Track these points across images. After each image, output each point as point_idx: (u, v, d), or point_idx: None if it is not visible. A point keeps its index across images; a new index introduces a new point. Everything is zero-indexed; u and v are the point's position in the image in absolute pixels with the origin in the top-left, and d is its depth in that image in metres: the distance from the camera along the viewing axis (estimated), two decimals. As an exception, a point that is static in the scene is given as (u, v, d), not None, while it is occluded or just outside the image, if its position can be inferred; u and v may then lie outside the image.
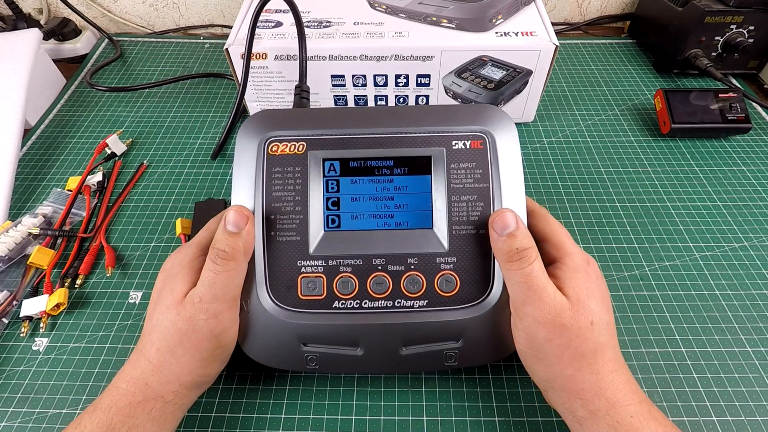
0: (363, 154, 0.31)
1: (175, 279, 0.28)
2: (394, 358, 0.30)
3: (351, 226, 0.31)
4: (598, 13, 0.72)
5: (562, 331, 0.26)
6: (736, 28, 0.54)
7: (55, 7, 0.70)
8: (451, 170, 0.30)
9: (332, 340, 0.30)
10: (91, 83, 0.56)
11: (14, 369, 0.35)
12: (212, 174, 0.49)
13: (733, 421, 0.32)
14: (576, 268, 0.28)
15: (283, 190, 0.31)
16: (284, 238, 0.30)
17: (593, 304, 0.27)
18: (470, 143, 0.31)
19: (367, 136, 0.31)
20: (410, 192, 0.31)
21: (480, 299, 0.29)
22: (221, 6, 0.71)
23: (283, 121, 0.32)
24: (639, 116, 0.55)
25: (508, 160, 0.31)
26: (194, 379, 0.28)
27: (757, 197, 0.46)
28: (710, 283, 0.40)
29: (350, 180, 0.31)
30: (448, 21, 0.48)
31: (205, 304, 0.27)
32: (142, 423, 0.26)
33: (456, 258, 0.30)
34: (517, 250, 0.27)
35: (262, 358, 0.31)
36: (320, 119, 0.32)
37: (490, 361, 0.30)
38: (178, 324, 0.27)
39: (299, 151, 0.31)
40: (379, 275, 0.30)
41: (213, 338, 0.27)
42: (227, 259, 0.27)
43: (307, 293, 0.30)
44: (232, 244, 0.28)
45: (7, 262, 0.40)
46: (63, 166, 0.50)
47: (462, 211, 0.30)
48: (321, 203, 0.31)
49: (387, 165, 0.31)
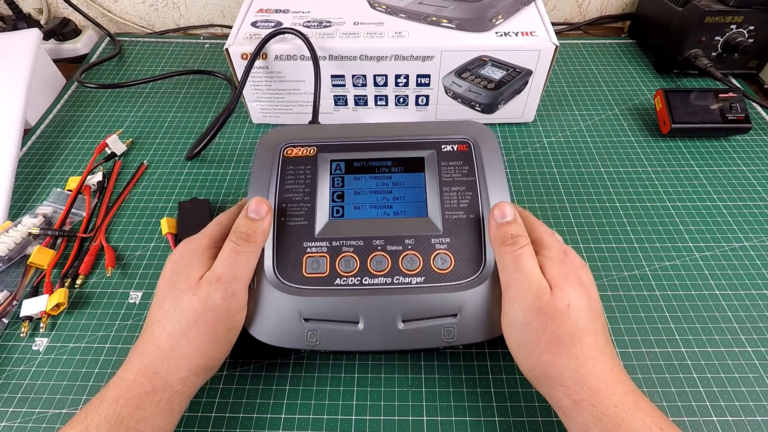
0: (365, 156, 0.36)
1: (189, 266, 0.29)
2: (393, 333, 0.31)
3: (353, 215, 0.34)
4: (598, 13, 0.72)
5: (539, 314, 0.27)
6: (736, 28, 0.54)
7: (55, 7, 0.70)
8: (442, 167, 0.35)
9: (333, 314, 0.31)
10: (81, 81, 0.56)
11: (14, 369, 0.35)
12: (212, 174, 0.49)
13: (733, 421, 0.32)
14: (553, 258, 0.29)
15: (294, 184, 0.35)
16: (293, 223, 0.33)
17: (569, 288, 0.28)
18: (457, 147, 0.36)
19: (369, 142, 0.37)
20: (406, 186, 0.35)
21: (474, 275, 0.31)
22: (221, 6, 0.71)
23: (297, 133, 0.37)
24: (639, 116, 0.55)
25: (490, 160, 0.35)
26: (205, 362, 0.28)
27: (757, 197, 0.46)
28: (710, 283, 0.40)
29: (354, 177, 0.35)
30: (448, 21, 0.48)
31: (224, 283, 0.28)
32: (150, 415, 0.26)
33: (450, 239, 0.33)
34: (512, 235, 0.30)
35: (264, 335, 0.31)
36: (329, 131, 0.38)
37: (487, 337, 0.31)
38: (194, 305, 0.28)
39: (310, 154, 0.36)
40: (378, 255, 0.32)
41: (229, 318, 0.28)
42: (249, 240, 0.30)
43: (311, 271, 0.32)
44: (254, 227, 0.30)
45: (7, 262, 0.40)
46: (63, 166, 0.50)
47: (453, 200, 0.34)
48: (327, 196, 0.34)
49: (386, 165, 0.36)
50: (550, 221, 0.44)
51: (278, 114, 0.53)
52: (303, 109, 0.53)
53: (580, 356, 0.26)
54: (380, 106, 0.52)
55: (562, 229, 0.43)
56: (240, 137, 0.53)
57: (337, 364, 0.35)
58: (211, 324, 0.28)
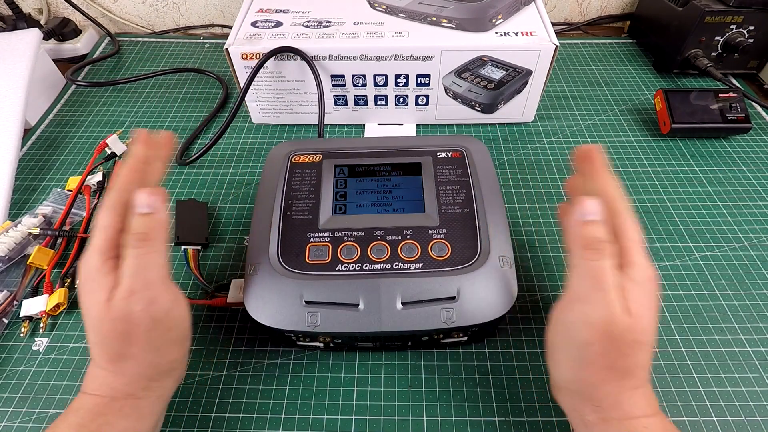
0: (367, 162, 0.39)
1: (92, 292, 0.26)
2: (392, 315, 0.31)
3: (355, 212, 0.36)
4: (598, 13, 0.72)
5: (606, 340, 0.25)
6: (736, 28, 0.54)
7: (55, 7, 0.70)
8: (437, 170, 0.38)
9: (334, 297, 0.32)
10: (72, 78, 0.56)
11: (14, 369, 0.35)
12: (212, 174, 0.49)
13: (733, 421, 0.32)
14: (638, 282, 0.25)
15: (300, 184, 0.38)
16: (298, 217, 0.35)
17: (646, 323, 0.25)
18: (451, 154, 0.40)
19: (371, 150, 0.40)
20: (405, 187, 0.38)
21: (471, 261, 0.33)
22: (221, 6, 0.71)
23: (305, 144, 0.41)
24: (639, 116, 0.55)
25: (482, 165, 0.39)
26: (160, 370, 0.28)
27: (757, 197, 0.46)
28: (710, 283, 0.40)
29: (356, 180, 0.38)
30: (448, 21, 0.48)
31: (138, 294, 0.25)
32: (113, 420, 0.26)
33: (446, 230, 0.34)
34: (596, 239, 0.25)
35: (266, 318, 0.32)
36: (334, 143, 0.42)
37: (485, 320, 0.31)
38: (118, 327, 0.26)
39: (316, 160, 0.39)
40: (378, 243, 0.34)
41: (158, 324, 0.26)
42: (148, 240, 0.26)
43: (313, 259, 0.33)
44: (148, 223, 0.26)
45: (7, 262, 0.40)
46: (63, 166, 0.50)
47: (449, 197, 0.36)
48: (331, 195, 0.37)
49: (386, 169, 0.39)
50: (550, 221, 0.44)
51: (278, 114, 0.53)
52: (303, 109, 0.53)
53: (626, 386, 0.26)
54: (380, 106, 0.52)
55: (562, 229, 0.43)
56: (240, 137, 0.53)
57: (338, 363, 0.35)
58: (143, 338, 0.26)
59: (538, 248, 0.42)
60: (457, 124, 0.54)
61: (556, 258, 0.41)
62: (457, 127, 0.54)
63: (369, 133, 0.53)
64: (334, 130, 0.54)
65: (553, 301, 0.38)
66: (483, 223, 0.35)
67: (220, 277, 0.40)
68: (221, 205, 0.46)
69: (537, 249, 0.42)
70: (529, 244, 0.42)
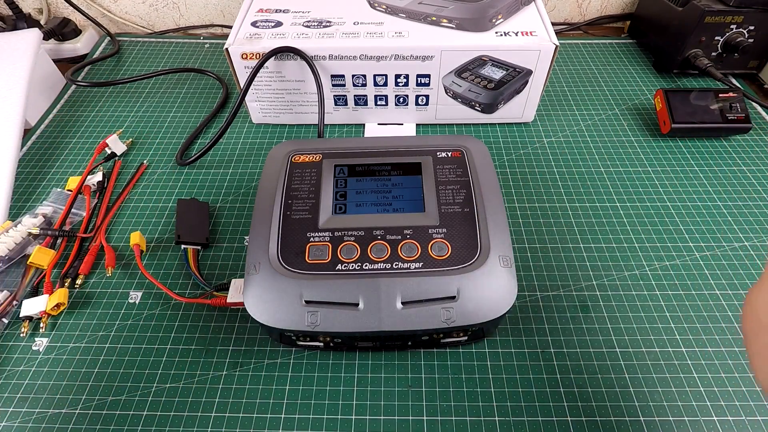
0: (366, 161, 0.39)
1: None
2: (392, 314, 0.31)
3: (355, 211, 0.36)
4: (598, 13, 0.72)
5: None
6: (736, 28, 0.54)
7: (55, 7, 0.70)
8: (437, 170, 0.38)
9: (333, 296, 0.32)
10: (72, 79, 0.56)
11: (14, 369, 0.35)
12: (212, 174, 0.49)
13: (733, 421, 0.32)
14: None
15: (300, 184, 0.38)
16: (297, 216, 0.35)
17: None
18: (451, 153, 0.39)
19: (371, 150, 0.40)
20: (405, 187, 0.38)
21: (471, 261, 0.33)
22: (221, 6, 0.71)
23: (305, 144, 0.41)
24: (639, 116, 0.55)
25: (482, 165, 0.38)
26: None
27: (757, 197, 0.46)
28: (710, 283, 0.40)
29: (356, 180, 0.38)
30: (448, 21, 0.48)
31: None
32: None
33: (446, 229, 0.34)
34: None
35: (266, 317, 0.32)
36: (334, 143, 0.42)
37: (485, 319, 0.31)
38: None
39: (316, 160, 0.39)
40: (378, 243, 0.34)
41: None
42: None
43: (313, 258, 0.33)
44: None
45: (7, 262, 0.40)
46: (63, 166, 0.50)
47: (449, 196, 0.36)
48: (331, 195, 0.37)
49: (386, 169, 0.39)
50: (550, 221, 0.44)
51: (278, 114, 0.53)
52: (303, 109, 0.53)
53: None
54: (380, 106, 0.52)
55: (563, 229, 0.43)
56: (240, 137, 0.53)
57: (338, 363, 0.35)
58: None
59: (538, 248, 0.42)
60: (457, 124, 0.54)
61: (556, 258, 0.41)
62: (457, 127, 0.54)
63: (369, 132, 0.53)
64: (334, 130, 0.54)
65: (553, 301, 0.39)
66: (483, 222, 0.35)
67: (220, 277, 0.40)
68: (221, 205, 0.46)
69: (537, 249, 0.42)
70: (529, 244, 0.42)
